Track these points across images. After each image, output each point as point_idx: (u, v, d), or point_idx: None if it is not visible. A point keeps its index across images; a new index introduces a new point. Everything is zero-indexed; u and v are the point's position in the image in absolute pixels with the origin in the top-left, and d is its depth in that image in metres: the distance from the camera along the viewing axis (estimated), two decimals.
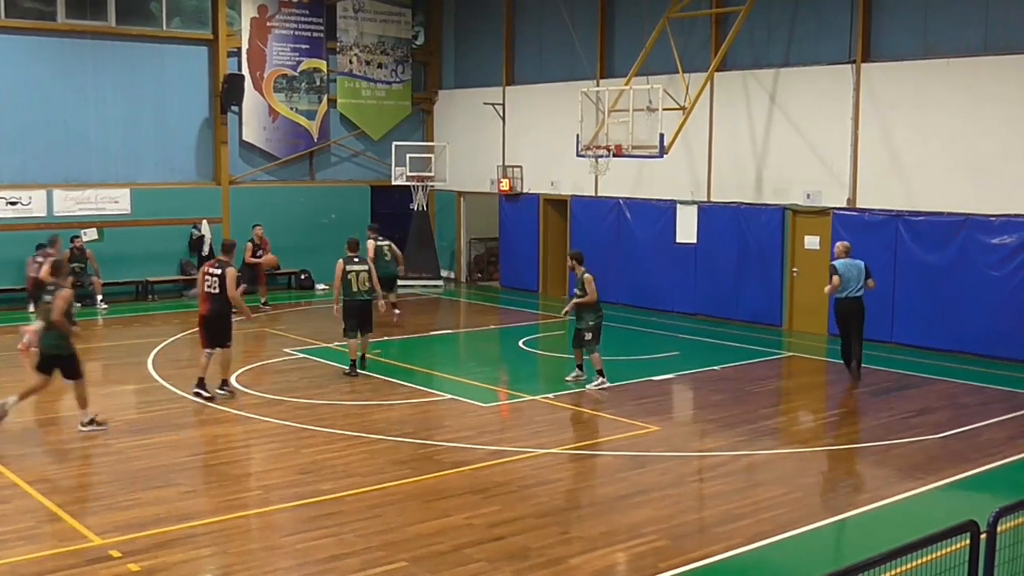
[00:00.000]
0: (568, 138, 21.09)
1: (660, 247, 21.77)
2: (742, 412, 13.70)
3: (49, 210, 22.25)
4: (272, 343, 18.16)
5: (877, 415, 13.54)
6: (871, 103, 18.55)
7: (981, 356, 17.13)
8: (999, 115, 16.94)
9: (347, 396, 14.35)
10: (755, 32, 20.19)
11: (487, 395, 14.69)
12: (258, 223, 22.52)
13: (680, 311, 21.47)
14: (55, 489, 10.22)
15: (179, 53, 23.87)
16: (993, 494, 10.31)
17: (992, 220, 17.05)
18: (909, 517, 9.79)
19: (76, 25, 22.35)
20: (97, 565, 8.32)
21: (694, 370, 16.40)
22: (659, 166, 20.78)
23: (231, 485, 10.80)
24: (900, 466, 11.34)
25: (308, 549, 8.73)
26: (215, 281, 13.94)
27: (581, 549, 8.81)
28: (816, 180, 19.39)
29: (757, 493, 10.38)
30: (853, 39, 18.79)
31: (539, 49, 24.98)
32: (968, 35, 17.48)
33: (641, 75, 19.88)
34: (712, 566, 8.49)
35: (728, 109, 20.72)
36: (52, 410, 14.03)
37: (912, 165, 18.08)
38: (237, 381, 15.09)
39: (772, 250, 20.07)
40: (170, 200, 23.73)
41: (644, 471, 11.23)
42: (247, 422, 12.99)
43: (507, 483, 10.60)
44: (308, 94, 25.57)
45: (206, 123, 24.38)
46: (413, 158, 25.85)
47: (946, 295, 17.64)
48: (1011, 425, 13.10)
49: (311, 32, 25.48)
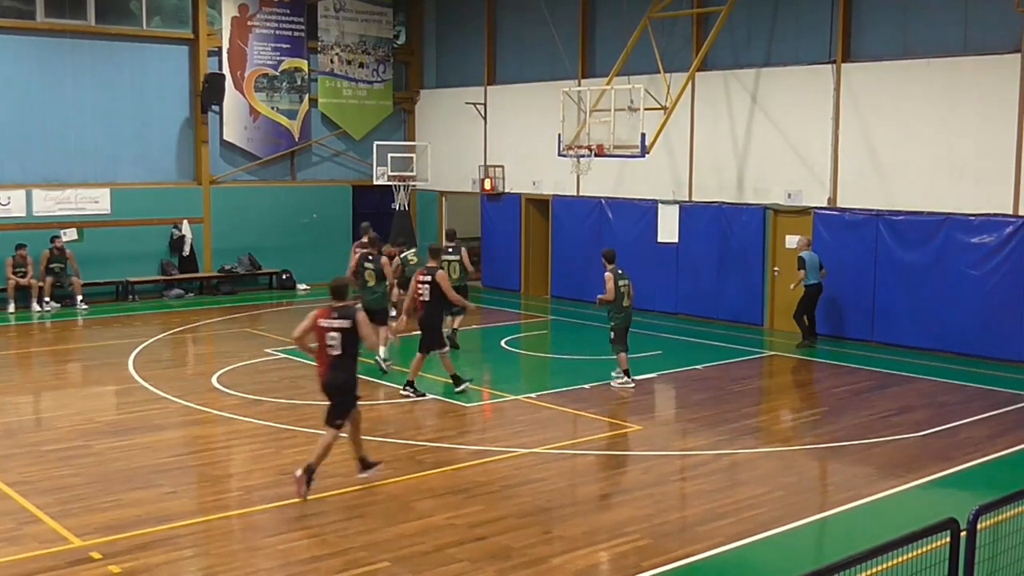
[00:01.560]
0: (550, 138, 21.10)
1: (642, 247, 21.79)
2: (724, 411, 13.74)
3: (29, 210, 22.10)
4: (253, 343, 18.09)
5: (858, 414, 13.59)
6: (851, 103, 18.62)
7: (961, 355, 17.22)
8: (978, 115, 17.03)
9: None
10: (736, 32, 20.24)
11: (469, 395, 14.68)
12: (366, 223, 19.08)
13: (662, 310, 21.49)
14: (35, 491, 10.15)
15: (159, 52, 23.75)
16: (973, 492, 10.37)
17: (971, 219, 17.15)
18: (890, 515, 9.82)
19: (55, 24, 22.21)
20: (78, 567, 8.27)
21: (676, 369, 16.43)
22: (641, 166, 20.81)
23: (212, 486, 10.77)
24: (881, 464, 11.39)
25: (290, 550, 8.71)
26: (426, 288, 13.88)
27: (563, 549, 8.81)
28: (797, 180, 19.47)
29: (739, 492, 10.41)
30: (833, 39, 18.87)
31: (521, 49, 24.97)
32: (947, 35, 17.57)
33: (622, 75, 19.89)
34: (694, 565, 8.51)
35: (709, 109, 20.77)
36: (31, 412, 13.98)
37: (892, 165, 18.17)
38: (218, 382, 15.05)
39: (753, 250, 20.13)
40: (150, 200, 23.61)
41: (626, 470, 11.24)
42: (228, 423, 12.95)
43: (489, 483, 10.60)
44: (289, 94, 25.50)
45: (187, 123, 24.27)
46: (395, 158, 25.80)
47: (926, 294, 17.74)
48: (991, 423, 13.17)
49: (292, 31, 25.40)
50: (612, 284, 14.94)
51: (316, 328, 10.04)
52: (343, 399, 10.10)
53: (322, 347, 10.02)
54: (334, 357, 9.97)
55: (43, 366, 16.84)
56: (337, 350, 9.94)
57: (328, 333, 9.96)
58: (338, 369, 10.00)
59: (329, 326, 9.95)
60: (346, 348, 9.96)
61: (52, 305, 21.42)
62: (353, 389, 10.16)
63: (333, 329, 9.94)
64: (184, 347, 18.71)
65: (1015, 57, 16.51)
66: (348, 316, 9.98)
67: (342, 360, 9.99)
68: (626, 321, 15.15)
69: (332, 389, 10.09)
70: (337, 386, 10.06)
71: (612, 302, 14.98)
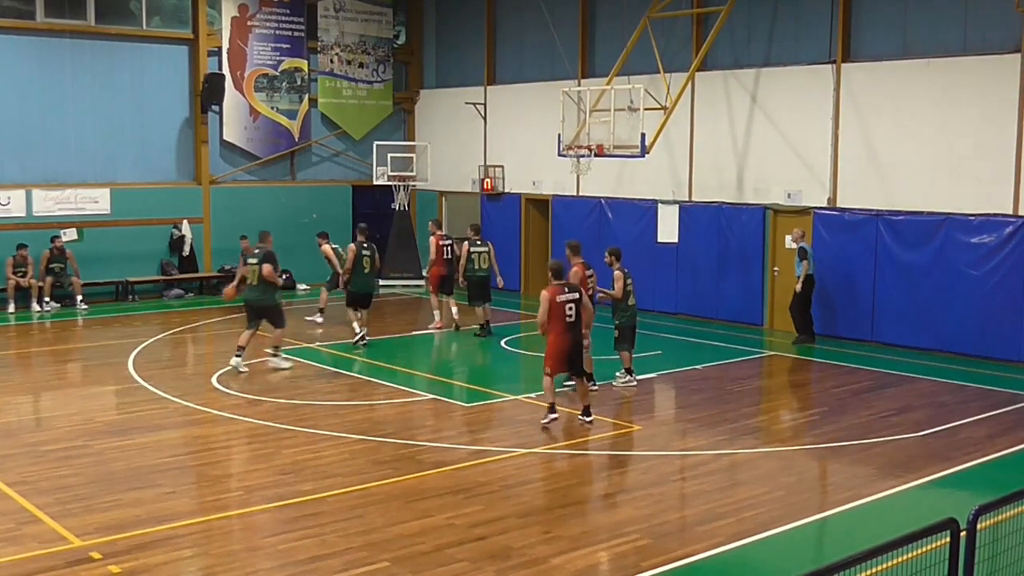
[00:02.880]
0: (550, 138, 21.10)
1: (642, 247, 21.78)
2: (723, 411, 13.74)
3: (28, 210, 22.10)
4: (253, 343, 18.06)
5: (857, 414, 13.59)
6: (851, 103, 18.62)
7: (960, 355, 17.23)
8: (978, 115, 17.03)
9: (328, 396, 14.32)
10: (736, 32, 20.25)
11: (469, 395, 14.68)
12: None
13: (662, 310, 21.49)
14: (35, 491, 10.15)
15: (159, 52, 23.75)
16: (973, 492, 10.37)
17: (971, 219, 17.15)
18: (889, 515, 9.83)
19: (55, 24, 22.21)
20: (78, 567, 8.27)
21: (676, 369, 16.43)
22: (640, 166, 20.81)
23: (212, 486, 10.77)
24: (880, 464, 11.39)
25: (289, 550, 8.70)
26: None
27: (563, 548, 8.81)
28: (797, 180, 19.47)
29: (738, 492, 10.41)
30: (833, 39, 18.87)
31: (520, 49, 24.98)
32: (947, 35, 17.58)
33: (622, 75, 19.90)
34: (694, 565, 8.51)
35: (709, 109, 20.77)
36: (31, 412, 13.98)
37: (892, 164, 18.17)
38: (218, 382, 15.05)
39: (753, 249, 20.13)
40: (150, 200, 23.62)
41: (626, 470, 11.24)
42: (228, 422, 12.95)
43: (489, 483, 10.60)
44: (289, 94, 25.50)
45: (186, 123, 24.27)
46: (394, 158, 25.81)
47: (926, 294, 17.74)
48: (990, 423, 13.18)
49: (292, 31, 25.41)
50: (622, 284, 14.94)
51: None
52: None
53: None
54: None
55: (43, 366, 16.83)
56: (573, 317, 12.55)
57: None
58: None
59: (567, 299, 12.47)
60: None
61: (52, 305, 21.42)
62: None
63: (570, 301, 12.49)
64: (184, 347, 18.70)
65: (1015, 57, 16.51)
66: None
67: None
68: (632, 320, 15.17)
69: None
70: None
71: (619, 300, 14.99)
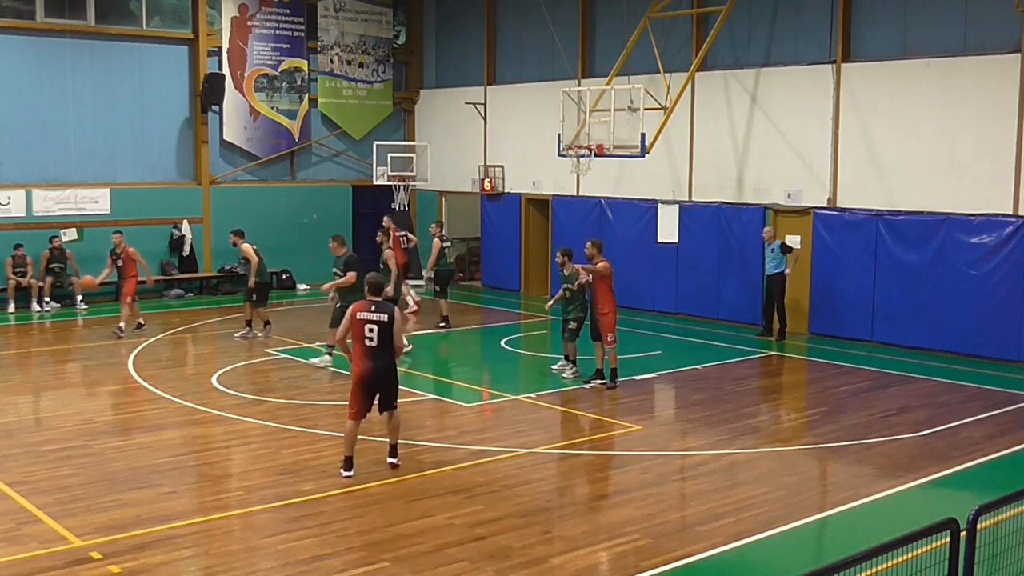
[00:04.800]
0: (550, 138, 21.10)
1: (642, 246, 21.80)
2: (723, 411, 13.74)
3: (28, 210, 22.10)
4: (253, 343, 18.09)
5: (857, 414, 13.59)
6: (851, 103, 18.62)
7: (960, 354, 17.23)
8: (978, 115, 17.03)
9: (328, 396, 14.31)
10: (736, 32, 20.25)
11: (469, 395, 14.68)
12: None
13: (661, 310, 21.50)
14: (35, 491, 10.15)
15: (159, 52, 23.76)
16: (973, 492, 10.38)
17: (971, 219, 17.15)
18: (890, 515, 9.83)
19: (55, 24, 22.21)
20: (78, 567, 8.27)
21: (675, 369, 16.42)
22: (640, 166, 20.81)
23: (212, 486, 10.76)
24: (880, 464, 11.39)
25: (290, 550, 8.71)
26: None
27: (563, 549, 8.81)
28: (797, 180, 19.47)
29: (738, 492, 10.41)
30: (833, 39, 18.87)
31: (520, 49, 24.98)
32: (947, 35, 17.57)
33: (622, 75, 19.90)
34: (694, 565, 8.51)
35: (709, 109, 20.77)
36: (31, 412, 13.98)
37: (892, 165, 18.17)
38: (218, 382, 15.05)
39: (753, 249, 20.11)
40: (150, 200, 23.62)
41: (626, 470, 11.24)
42: (228, 423, 12.94)
43: (489, 483, 10.60)
44: (289, 94, 25.50)
45: (186, 123, 24.27)
46: (394, 158, 25.82)
47: (926, 294, 17.74)
48: (990, 423, 13.18)
49: (292, 31, 25.41)
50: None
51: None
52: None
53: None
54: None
55: (43, 366, 16.83)
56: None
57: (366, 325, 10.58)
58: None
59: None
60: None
61: (52, 305, 21.43)
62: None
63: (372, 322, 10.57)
64: (184, 347, 18.70)
65: (1015, 57, 16.51)
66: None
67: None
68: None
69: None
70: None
71: (580, 292, 15.00)
